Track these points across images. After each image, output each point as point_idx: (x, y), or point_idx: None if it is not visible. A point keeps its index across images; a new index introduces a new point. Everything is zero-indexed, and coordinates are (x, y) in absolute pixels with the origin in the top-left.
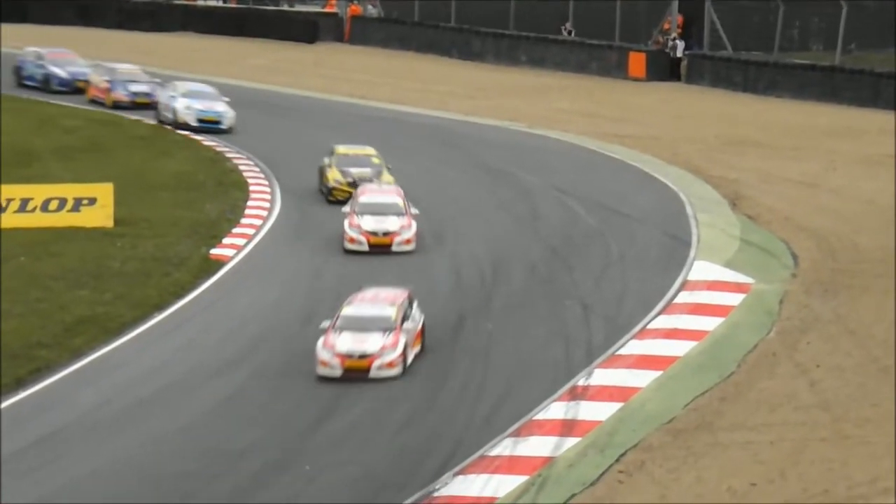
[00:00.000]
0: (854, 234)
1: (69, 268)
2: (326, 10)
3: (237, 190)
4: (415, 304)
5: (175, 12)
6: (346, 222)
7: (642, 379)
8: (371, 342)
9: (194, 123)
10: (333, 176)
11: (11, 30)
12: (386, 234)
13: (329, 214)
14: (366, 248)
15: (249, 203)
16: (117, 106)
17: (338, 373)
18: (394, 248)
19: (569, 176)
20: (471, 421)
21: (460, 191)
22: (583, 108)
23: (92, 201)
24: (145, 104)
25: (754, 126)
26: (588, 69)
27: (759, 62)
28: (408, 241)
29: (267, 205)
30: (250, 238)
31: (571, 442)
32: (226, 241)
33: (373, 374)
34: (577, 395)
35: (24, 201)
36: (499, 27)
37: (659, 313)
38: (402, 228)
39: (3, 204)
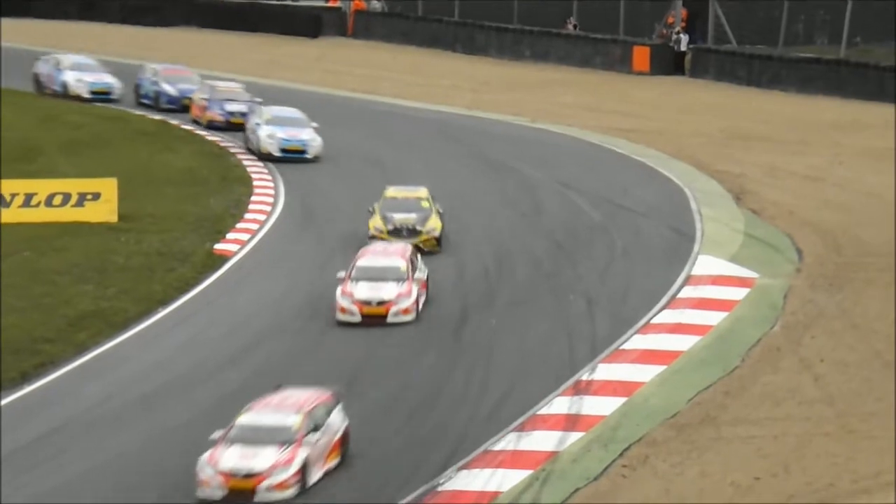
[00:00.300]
0: (859, 227)
1: (73, 263)
2: (329, 4)
3: (241, 185)
4: (336, 409)
5: (178, 7)
6: (338, 289)
7: (646, 373)
8: (261, 458)
9: (277, 153)
10: (374, 223)
11: (15, 25)
12: (381, 303)
13: (331, 209)
14: (358, 318)
15: (253, 198)
16: (212, 126)
17: (219, 494)
18: (389, 320)
19: (573, 170)
20: (475, 415)
21: (464, 185)
22: (587, 103)
23: (96, 196)
24: (241, 125)
25: (759, 120)
26: (592, 63)
27: (763, 56)
28: (406, 311)
29: (271, 200)
30: (254, 233)
31: (575, 437)
32: (230, 236)
33: (259, 497)
34: (580, 389)
35: (29, 196)
36: (502, 21)
37: (663, 308)
38: (399, 297)
39: (8, 199)
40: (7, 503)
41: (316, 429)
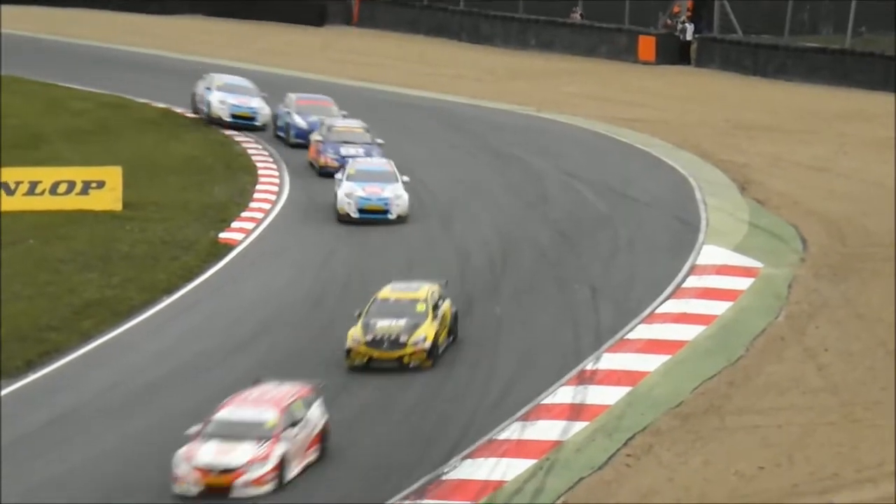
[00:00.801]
0: (863, 217)
1: (78, 251)
2: None
3: (246, 174)
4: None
5: None
6: (181, 450)
7: (650, 363)
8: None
9: (355, 215)
10: (353, 333)
11: (18, 12)
12: (225, 471)
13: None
14: (196, 490)
15: (258, 187)
16: (326, 173)
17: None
18: (235, 494)
19: (578, 160)
20: (479, 405)
21: (469, 174)
22: (592, 92)
23: (101, 184)
24: None
25: (764, 110)
26: (597, 53)
27: (769, 45)
28: (258, 482)
29: (275, 188)
30: (259, 222)
31: (579, 426)
32: (234, 224)
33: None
34: (585, 379)
35: (33, 184)
36: (508, 11)
37: (667, 298)
38: (251, 463)
39: (12, 186)
40: (13, 490)
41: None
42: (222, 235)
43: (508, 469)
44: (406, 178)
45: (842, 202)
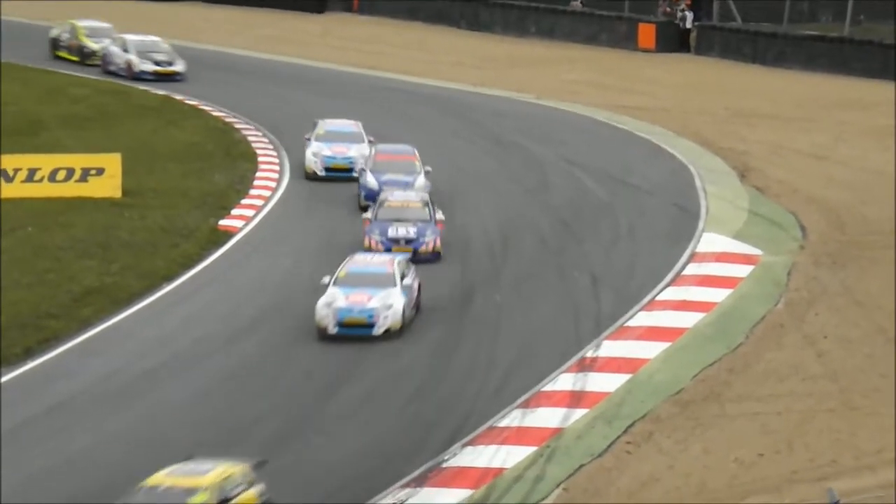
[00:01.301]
0: (862, 205)
1: (77, 238)
2: None
3: (246, 161)
4: None
5: None
6: None
7: (650, 350)
8: None
9: (332, 330)
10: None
11: (18, 4)
12: None
13: (337, 184)
14: None
15: (258, 174)
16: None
17: None
18: None
19: (578, 147)
20: (480, 392)
21: (469, 162)
22: (592, 80)
23: (100, 171)
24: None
25: (763, 98)
26: (597, 40)
27: (768, 33)
28: None
29: (275, 176)
30: (259, 209)
31: (580, 413)
32: (234, 212)
33: None
34: (585, 366)
35: (32, 171)
36: None
37: (667, 285)
38: None
39: (11, 173)
40: (12, 478)
41: None
42: (222, 223)
43: (509, 456)
44: (408, 282)
45: (841, 190)
